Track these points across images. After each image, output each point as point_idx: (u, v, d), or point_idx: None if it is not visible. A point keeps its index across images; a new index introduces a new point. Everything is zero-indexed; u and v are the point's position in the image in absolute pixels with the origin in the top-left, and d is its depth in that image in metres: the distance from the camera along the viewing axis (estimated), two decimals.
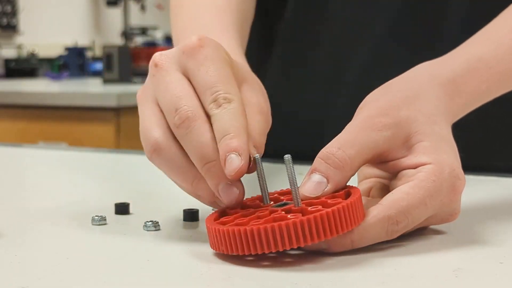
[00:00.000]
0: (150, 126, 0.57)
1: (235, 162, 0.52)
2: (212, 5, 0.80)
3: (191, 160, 0.55)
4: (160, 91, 0.57)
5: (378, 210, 0.52)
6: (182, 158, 0.56)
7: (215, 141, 0.54)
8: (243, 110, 0.56)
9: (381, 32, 0.88)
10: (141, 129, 0.58)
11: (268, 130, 0.60)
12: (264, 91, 0.64)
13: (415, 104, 0.57)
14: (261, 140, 0.57)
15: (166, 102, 0.56)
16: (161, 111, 0.57)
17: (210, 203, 0.57)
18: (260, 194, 0.55)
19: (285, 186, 0.54)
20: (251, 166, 0.54)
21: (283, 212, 0.51)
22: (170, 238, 0.57)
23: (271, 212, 0.52)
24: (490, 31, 0.70)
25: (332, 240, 0.50)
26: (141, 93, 0.60)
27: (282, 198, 0.56)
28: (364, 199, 0.53)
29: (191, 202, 0.68)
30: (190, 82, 0.57)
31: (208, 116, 0.55)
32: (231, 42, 0.73)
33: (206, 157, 0.54)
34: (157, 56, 0.59)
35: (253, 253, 0.49)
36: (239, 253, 0.50)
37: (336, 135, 0.56)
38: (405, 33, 0.87)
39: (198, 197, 0.57)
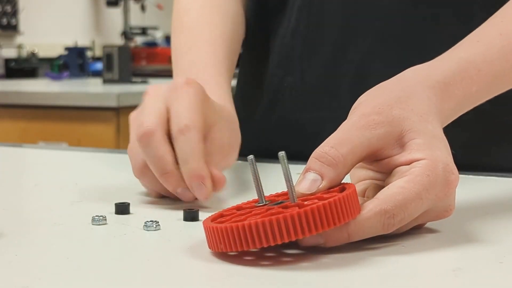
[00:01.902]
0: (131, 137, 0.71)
1: (202, 189, 0.65)
2: (208, 37, 0.88)
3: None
4: (140, 111, 0.70)
5: (374, 204, 0.53)
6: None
7: (170, 154, 0.66)
8: (200, 138, 0.66)
9: (376, 36, 0.88)
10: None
11: (227, 167, 0.73)
12: (237, 133, 0.76)
13: (407, 104, 0.58)
14: (218, 174, 0.68)
15: (138, 118, 0.69)
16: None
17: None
18: (256, 198, 0.56)
19: (282, 184, 0.54)
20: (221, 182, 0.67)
21: (280, 209, 0.51)
22: (170, 238, 0.57)
23: (268, 209, 0.52)
24: (479, 34, 0.70)
25: (329, 233, 0.51)
26: (133, 114, 0.72)
27: (278, 199, 0.56)
28: (359, 199, 0.54)
29: (191, 202, 0.68)
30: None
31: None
32: (220, 80, 0.83)
33: (162, 168, 0.66)
34: (149, 87, 0.72)
35: (251, 248, 0.49)
36: (237, 249, 0.50)
37: None
38: (398, 35, 0.87)
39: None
